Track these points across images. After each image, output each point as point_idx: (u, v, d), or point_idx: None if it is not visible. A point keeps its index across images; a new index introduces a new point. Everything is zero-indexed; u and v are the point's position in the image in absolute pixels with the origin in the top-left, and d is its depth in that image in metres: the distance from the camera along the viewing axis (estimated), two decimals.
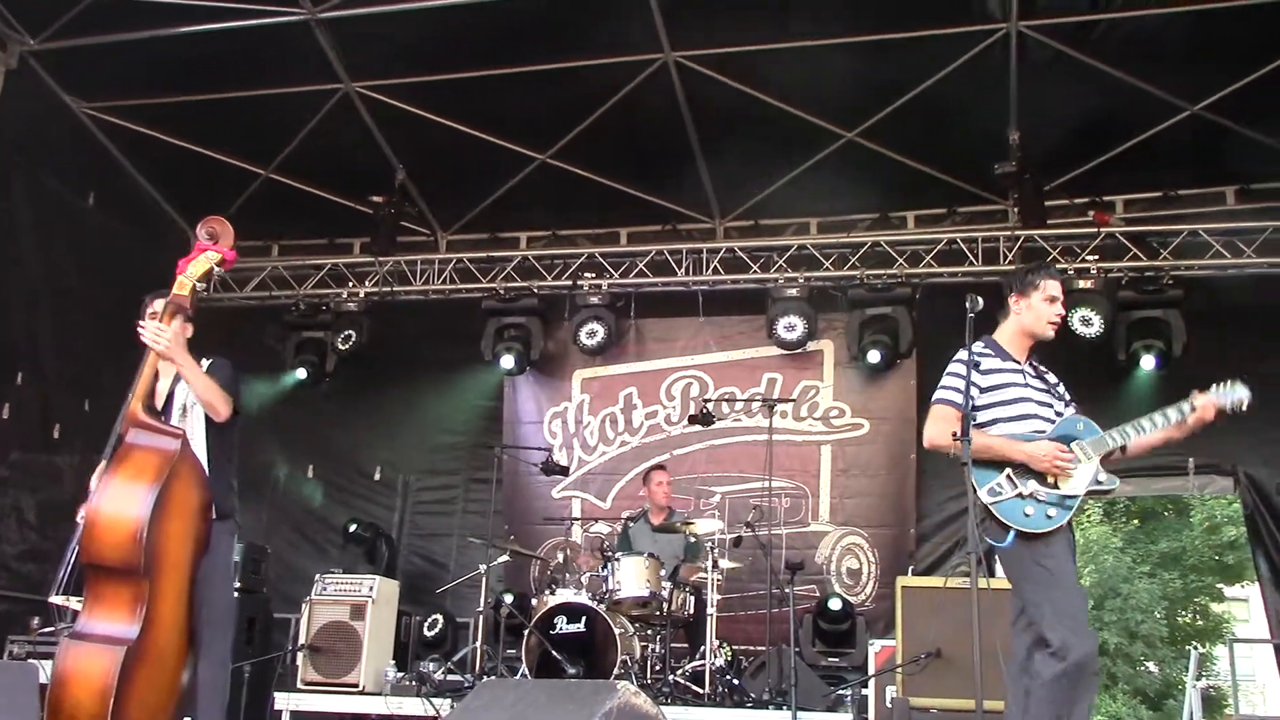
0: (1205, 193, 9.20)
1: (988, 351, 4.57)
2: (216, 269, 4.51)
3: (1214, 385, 4.46)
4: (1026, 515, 4.30)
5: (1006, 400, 4.50)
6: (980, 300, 4.50)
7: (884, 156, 8.93)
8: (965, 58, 7.96)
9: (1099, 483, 4.41)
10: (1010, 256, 9.27)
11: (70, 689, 3.88)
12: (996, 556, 4.49)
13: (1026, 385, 4.55)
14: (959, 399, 4.39)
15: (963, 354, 4.49)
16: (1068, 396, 4.68)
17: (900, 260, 9.60)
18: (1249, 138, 8.31)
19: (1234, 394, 4.43)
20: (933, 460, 9.39)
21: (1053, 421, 4.51)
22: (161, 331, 4.34)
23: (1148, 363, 8.69)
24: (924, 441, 4.58)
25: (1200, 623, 23.05)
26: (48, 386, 8.89)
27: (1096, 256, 9.12)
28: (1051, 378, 4.70)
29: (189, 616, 4.18)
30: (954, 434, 4.26)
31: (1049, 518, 4.30)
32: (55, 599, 4.43)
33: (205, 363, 4.65)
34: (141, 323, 4.48)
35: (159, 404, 4.56)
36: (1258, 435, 8.97)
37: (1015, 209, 9.07)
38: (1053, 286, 4.61)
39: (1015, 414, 4.48)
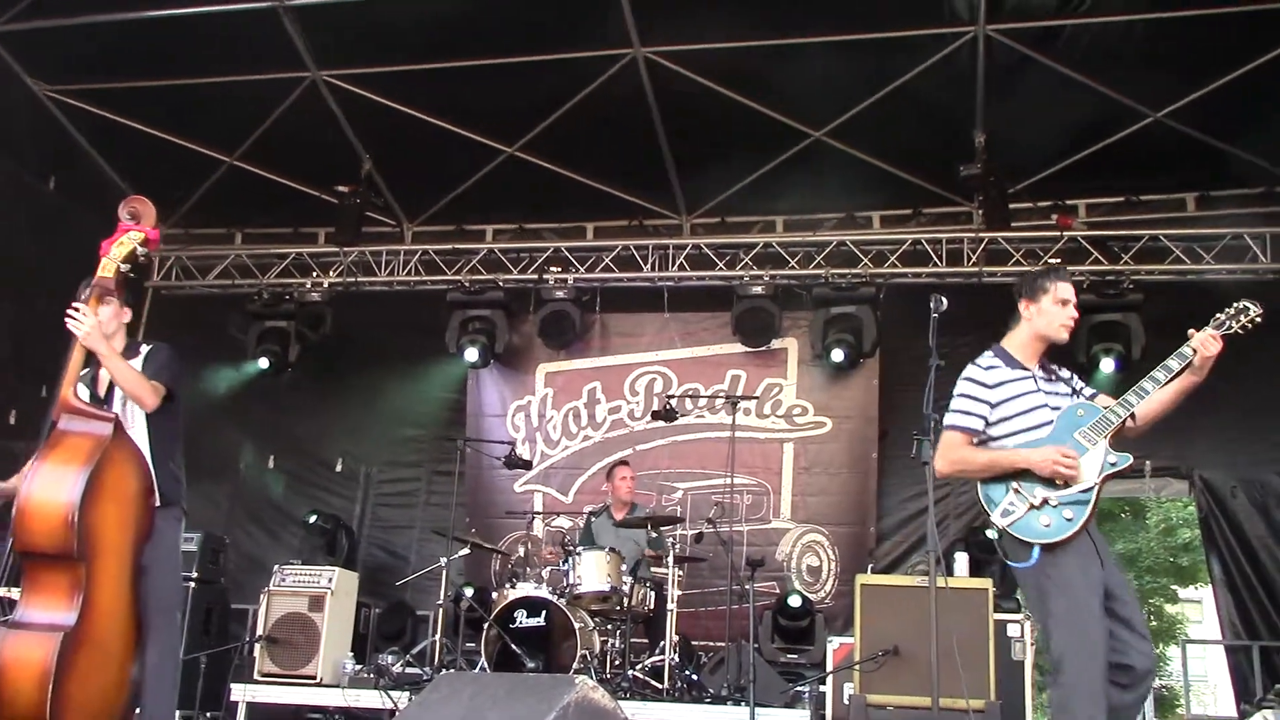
0: (1166, 199, 9.32)
1: (997, 363, 4.45)
2: (140, 249, 4.43)
3: (1214, 317, 4.34)
4: (1045, 527, 4.13)
5: (1022, 410, 4.37)
6: (944, 301, 4.50)
7: (851, 156, 8.96)
8: (933, 60, 8.00)
9: (1112, 465, 4.22)
10: (974, 258, 9.37)
11: (9, 677, 3.83)
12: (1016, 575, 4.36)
13: (1039, 390, 4.41)
14: (973, 423, 4.35)
15: (972, 370, 4.42)
16: (1086, 390, 4.56)
17: (865, 260, 9.67)
18: (1210, 145, 8.40)
19: (1240, 318, 4.32)
20: (894, 460, 9.49)
21: None
22: (85, 316, 4.26)
23: (1107, 366, 8.77)
24: (935, 472, 4.38)
25: (1154, 623, 23.26)
26: (4, 372, 8.76)
27: (1059, 260, 9.19)
28: (1064, 373, 4.59)
29: (133, 603, 4.12)
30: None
31: (1068, 520, 4.12)
32: None
33: (145, 348, 4.58)
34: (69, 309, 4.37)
35: (101, 391, 4.51)
36: (1213, 439, 9.14)
37: (980, 211, 9.14)
38: (1064, 289, 4.49)
39: (1034, 423, 4.34)
